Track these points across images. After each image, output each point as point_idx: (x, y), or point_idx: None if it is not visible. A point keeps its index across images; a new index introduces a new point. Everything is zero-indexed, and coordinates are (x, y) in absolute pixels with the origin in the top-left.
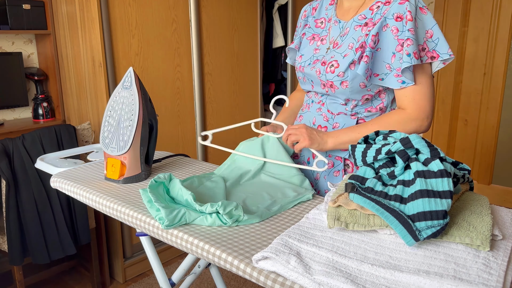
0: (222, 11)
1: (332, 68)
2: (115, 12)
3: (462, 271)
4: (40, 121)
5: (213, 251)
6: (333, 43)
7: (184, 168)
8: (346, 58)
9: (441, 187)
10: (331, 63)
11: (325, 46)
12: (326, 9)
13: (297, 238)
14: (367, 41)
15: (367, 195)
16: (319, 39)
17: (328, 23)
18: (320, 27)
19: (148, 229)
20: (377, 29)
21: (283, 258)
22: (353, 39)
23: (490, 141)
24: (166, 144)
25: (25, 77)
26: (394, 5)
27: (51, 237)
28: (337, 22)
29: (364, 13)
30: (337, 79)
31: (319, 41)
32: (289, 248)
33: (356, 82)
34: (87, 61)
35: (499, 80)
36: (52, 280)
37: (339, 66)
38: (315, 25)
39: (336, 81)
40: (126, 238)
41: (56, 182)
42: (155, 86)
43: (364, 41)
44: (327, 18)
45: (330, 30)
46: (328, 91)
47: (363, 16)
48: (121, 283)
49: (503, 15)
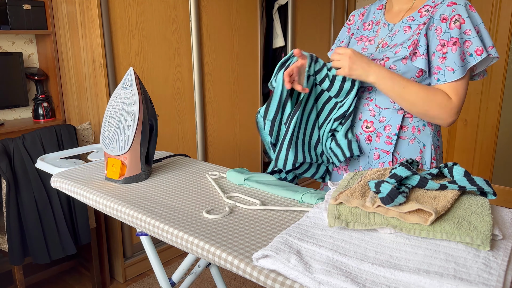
0: (222, 11)
1: (382, 62)
2: (115, 12)
3: (462, 270)
4: (41, 121)
5: (213, 251)
6: (382, 43)
7: (184, 168)
8: (397, 54)
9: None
10: (382, 58)
11: (373, 46)
12: (374, 13)
13: (297, 237)
14: (420, 40)
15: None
16: (366, 39)
17: (376, 25)
18: (368, 29)
19: (148, 229)
20: (425, 30)
21: (283, 256)
22: (403, 38)
23: (490, 141)
24: (166, 144)
25: (25, 77)
26: (442, 7)
27: (51, 237)
28: (386, 24)
29: (413, 15)
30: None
31: (366, 41)
32: (289, 247)
33: (407, 76)
34: (87, 61)
35: (499, 80)
36: (52, 280)
37: (389, 60)
38: (363, 28)
39: None
40: (126, 238)
41: (56, 182)
42: (155, 86)
43: (416, 39)
44: (375, 21)
45: (378, 32)
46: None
47: (411, 18)
48: (121, 283)
49: (503, 15)
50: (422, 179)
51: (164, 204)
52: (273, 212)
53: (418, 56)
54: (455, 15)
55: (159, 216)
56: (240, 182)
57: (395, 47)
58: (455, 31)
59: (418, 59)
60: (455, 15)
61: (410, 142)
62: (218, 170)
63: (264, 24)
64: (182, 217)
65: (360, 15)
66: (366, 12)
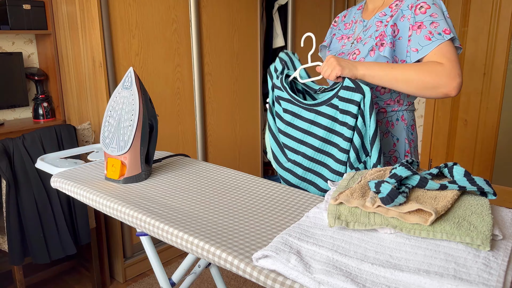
0: (222, 11)
1: (354, 56)
2: (115, 12)
3: (462, 270)
4: (41, 121)
5: (213, 251)
6: (357, 38)
7: (184, 168)
8: (365, 46)
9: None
10: (354, 52)
11: (350, 42)
12: (355, 13)
13: (297, 237)
14: (386, 31)
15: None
16: (346, 37)
17: (354, 24)
18: (348, 28)
19: (148, 229)
20: (395, 20)
21: (283, 256)
22: (373, 30)
23: (490, 141)
24: (166, 144)
25: (25, 77)
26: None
27: (51, 237)
28: (361, 21)
29: (384, 11)
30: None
31: (346, 39)
32: (289, 247)
33: None
34: (87, 61)
35: (498, 80)
36: (52, 280)
37: (360, 53)
38: (344, 28)
39: None
40: (126, 238)
41: (56, 182)
42: (155, 86)
43: (383, 30)
44: (354, 20)
45: (356, 29)
46: None
47: (383, 13)
48: (121, 283)
49: (503, 15)
50: (422, 179)
51: (164, 204)
52: (273, 212)
53: (384, 46)
54: (420, 2)
55: (159, 216)
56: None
57: (366, 39)
58: (420, 16)
59: (385, 48)
60: (420, 3)
61: (384, 136)
62: (218, 170)
63: (264, 24)
64: (182, 217)
65: (343, 17)
66: (348, 14)
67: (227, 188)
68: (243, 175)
